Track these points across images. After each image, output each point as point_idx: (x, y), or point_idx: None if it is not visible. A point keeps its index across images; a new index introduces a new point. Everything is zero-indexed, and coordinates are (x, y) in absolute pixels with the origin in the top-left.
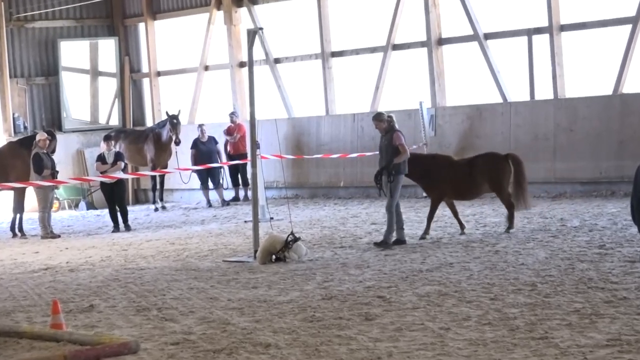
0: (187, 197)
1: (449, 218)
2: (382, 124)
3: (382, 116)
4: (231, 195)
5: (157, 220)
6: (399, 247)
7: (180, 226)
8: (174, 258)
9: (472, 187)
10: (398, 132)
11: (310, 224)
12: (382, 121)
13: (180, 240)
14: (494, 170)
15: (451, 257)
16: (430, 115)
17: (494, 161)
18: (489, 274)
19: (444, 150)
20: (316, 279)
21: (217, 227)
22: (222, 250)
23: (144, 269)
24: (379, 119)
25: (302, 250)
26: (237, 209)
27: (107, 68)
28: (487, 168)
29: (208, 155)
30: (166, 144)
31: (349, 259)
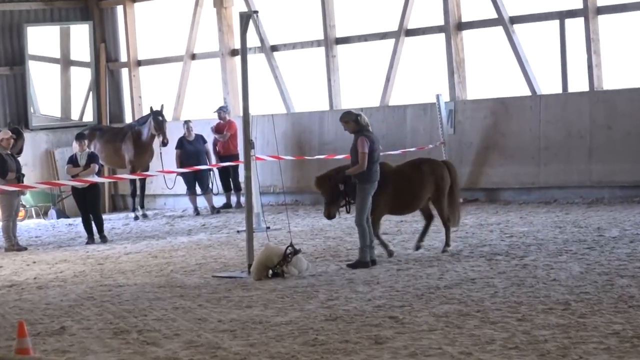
0: (172, 203)
1: (471, 227)
2: (348, 125)
3: (349, 116)
4: (222, 201)
5: (137, 231)
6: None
7: (164, 237)
8: (156, 273)
9: (416, 199)
10: (363, 137)
11: (312, 235)
12: (347, 122)
13: (163, 253)
14: (439, 179)
15: (473, 272)
16: (449, 110)
17: (438, 169)
18: (516, 292)
19: (464, 150)
20: (319, 297)
21: (206, 238)
22: (212, 264)
23: (123, 285)
24: (344, 120)
25: (302, 264)
26: (228, 217)
27: (80, 57)
28: (432, 177)
29: (195, 156)
30: (147, 143)
31: (357, 275)
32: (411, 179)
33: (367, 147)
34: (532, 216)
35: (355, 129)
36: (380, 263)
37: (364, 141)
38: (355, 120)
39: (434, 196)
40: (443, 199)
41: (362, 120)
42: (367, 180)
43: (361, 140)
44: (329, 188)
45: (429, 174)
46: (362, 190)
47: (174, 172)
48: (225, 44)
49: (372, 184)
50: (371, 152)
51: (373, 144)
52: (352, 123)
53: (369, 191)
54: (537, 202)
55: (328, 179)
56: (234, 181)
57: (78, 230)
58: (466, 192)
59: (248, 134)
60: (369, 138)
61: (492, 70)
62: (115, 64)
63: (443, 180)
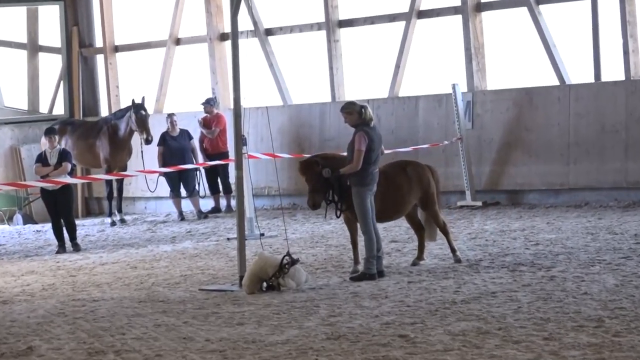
0: (154, 207)
1: (491, 234)
2: (351, 117)
3: (353, 107)
4: (210, 205)
5: (114, 238)
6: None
7: (145, 245)
8: (136, 286)
9: (401, 204)
10: (362, 133)
11: (311, 242)
12: (351, 113)
13: (144, 264)
14: (426, 184)
15: (493, 285)
16: (467, 101)
17: (424, 172)
18: (543, 307)
19: (484, 147)
20: (319, 313)
21: (192, 247)
22: (199, 276)
23: (98, 300)
24: (348, 110)
25: (301, 275)
26: (217, 222)
27: (50, 41)
28: (419, 181)
29: (180, 154)
30: (125, 139)
31: (362, 287)
32: (396, 182)
33: (364, 145)
34: (561, 221)
35: (357, 122)
36: (389, 275)
37: (362, 137)
38: (360, 112)
39: (423, 203)
40: (433, 204)
41: (367, 114)
42: (362, 183)
43: (359, 137)
44: (314, 175)
45: (415, 177)
46: (357, 195)
47: (156, 171)
48: (213, 27)
49: (368, 187)
50: (369, 151)
51: (372, 142)
52: (356, 115)
53: (365, 194)
54: (566, 206)
55: (315, 164)
56: (223, 182)
57: (47, 237)
58: (486, 195)
59: (239, 129)
60: (368, 135)
61: (516, 56)
62: (90, 50)
63: (430, 185)
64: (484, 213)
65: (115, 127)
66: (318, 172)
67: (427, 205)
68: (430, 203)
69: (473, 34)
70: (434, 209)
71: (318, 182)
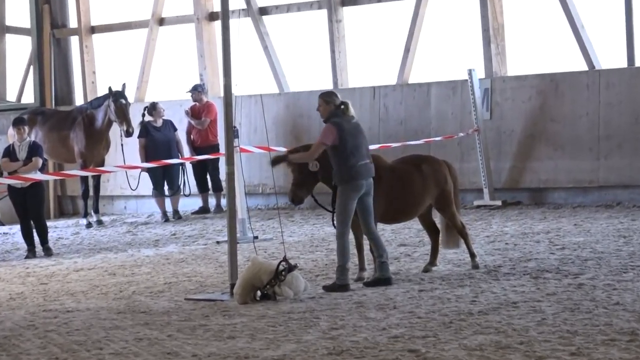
0: (134, 207)
1: (512, 237)
2: (326, 107)
3: (334, 98)
4: (197, 204)
5: (90, 241)
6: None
7: (124, 249)
8: (115, 295)
9: (414, 205)
10: (331, 125)
11: (311, 246)
12: (328, 103)
13: (124, 270)
14: (443, 181)
15: (514, 294)
16: (484, 89)
17: (441, 169)
18: (569, 318)
19: (503, 140)
20: (320, 326)
21: (178, 251)
22: (185, 283)
23: (72, 311)
24: (326, 99)
25: (299, 283)
26: (205, 224)
27: (19, 21)
28: (435, 178)
29: (165, 147)
30: (103, 131)
31: (368, 296)
32: (409, 180)
33: (330, 139)
34: (590, 223)
35: (329, 115)
36: (397, 283)
37: (330, 130)
38: (338, 106)
39: (439, 203)
40: (450, 205)
41: (348, 110)
42: (343, 180)
43: (326, 128)
44: (299, 165)
45: (431, 174)
46: (340, 194)
47: (138, 167)
48: (201, 6)
49: (351, 184)
50: (342, 143)
51: (344, 132)
52: (332, 107)
53: (348, 194)
54: (595, 206)
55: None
56: (212, 179)
57: (15, 240)
58: (506, 193)
59: (230, 119)
60: (339, 126)
61: (539, 38)
62: (63, 31)
63: (447, 183)
64: (504, 214)
65: (91, 117)
66: (303, 163)
67: (443, 206)
68: (447, 203)
69: (492, 13)
70: (451, 209)
71: (302, 174)
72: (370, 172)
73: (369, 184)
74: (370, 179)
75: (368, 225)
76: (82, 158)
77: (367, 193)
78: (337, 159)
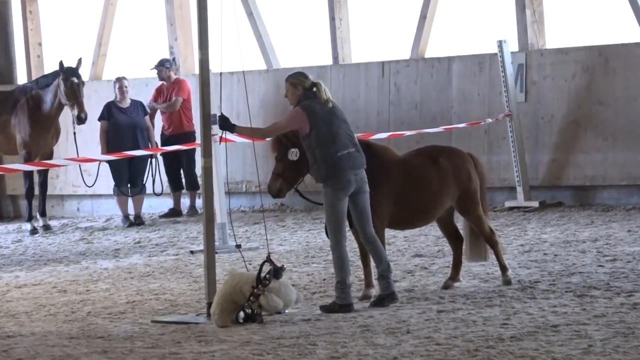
0: (89, 208)
1: (551, 245)
2: (294, 91)
3: (303, 79)
4: (167, 205)
5: (35, 251)
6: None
7: (78, 260)
8: (66, 317)
9: (430, 207)
10: (298, 108)
11: (306, 257)
12: (296, 86)
13: (76, 286)
14: (466, 178)
15: (554, 315)
16: (518, 64)
17: (464, 163)
18: (622, 345)
19: (541, 127)
20: (317, 354)
21: (143, 262)
22: (151, 302)
23: (13, 336)
24: (294, 81)
25: (290, 293)
26: (177, 229)
27: None
28: (456, 175)
29: (130, 133)
30: (51, 116)
31: (375, 318)
32: (425, 176)
33: (293, 123)
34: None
35: (298, 100)
36: (411, 301)
37: (296, 115)
38: (308, 89)
39: (462, 205)
40: (476, 207)
41: (321, 93)
42: (324, 176)
43: (293, 113)
44: (280, 152)
45: (452, 170)
46: (325, 194)
47: (96, 159)
48: None
49: (335, 179)
50: (316, 134)
51: (316, 117)
52: (301, 91)
53: (335, 194)
54: None
55: (282, 139)
56: (187, 175)
57: None
58: (545, 192)
59: (207, 102)
60: (308, 109)
61: (586, 4)
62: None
63: (471, 181)
64: (542, 217)
65: (37, 99)
66: (285, 150)
67: (467, 208)
68: (471, 205)
69: None
70: (477, 212)
71: (283, 163)
72: (357, 163)
73: (361, 179)
74: (360, 171)
75: (364, 229)
76: (25, 149)
77: (359, 190)
78: (312, 151)
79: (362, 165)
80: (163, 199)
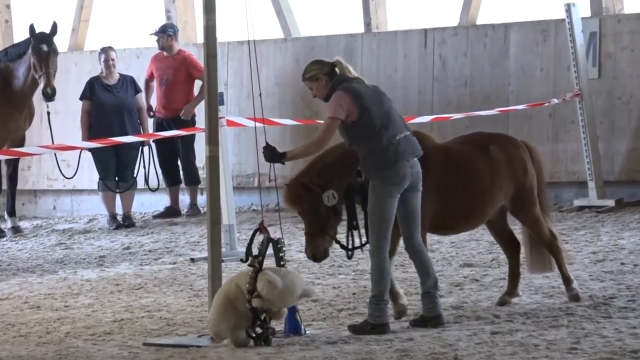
0: (69, 206)
1: (630, 253)
2: (319, 85)
3: (320, 68)
4: (164, 203)
5: (2, 258)
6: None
7: (54, 270)
8: (40, 338)
9: (479, 205)
10: (339, 93)
11: (331, 266)
12: (318, 79)
13: (52, 301)
14: (522, 171)
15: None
16: (590, 33)
17: (519, 153)
18: None
19: (618, 109)
20: None
21: (133, 273)
22: (143, 321)
23: None
24: (311, 76)
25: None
26: (174, 233)
27: None
28: (510, 166)
29: (118, 116)
30: (24, 94)
31: (416, 341)
32: (470, 169)
33: (341, 110)
34: None
35: (329, 87)
36: (459, 320)
37: (341, 99)
38: (330, 74)
39: (516, 203)
40: (532, 206)
41: (345, 70)
42: (380, 167)
43: (336, 98)
44: (309, 204)
45: (503, 161)
46: (373, 191)
47: (76, 147)
48: None
49: (392, 170)
50: (368, 117)
51: (361, 98)
52: (325, 80)
53: (388, 190)
54: None
55: (306, 186)
56: (185, 166)
57: None
58: (623, 189)
59: (214, 77)
60: (349, 90)
61: None
62: None
63: (528, 175)
64: (619, 219)
65: (6, 73)
66: (314, 198)
67: (522, 208)
68: (527, 204)
69: None
70: (534, 213)
71: (315, 215)
72: (417, 148)
73: (417, 173)
74: (416, 161)
75: (412, 235)
76: None
77: (413, 186)
78: (363, 140)
79: (420, 151)
80: (158, 195)
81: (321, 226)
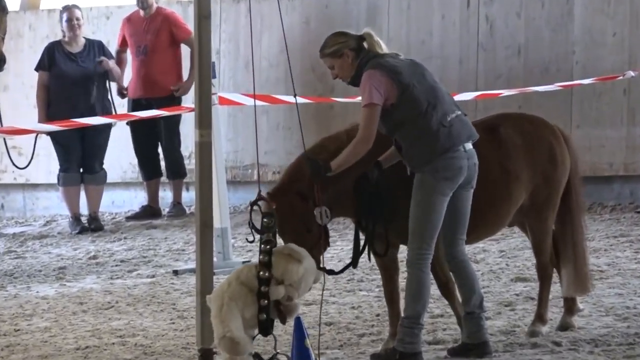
0: (21, 204)
1: None
2: (344, 63)
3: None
4: (138, 201)
5: None
6: None
7: (2, 285)
8: None
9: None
10: (374, 71)
11: (349, 281)
12: (340, 55)
13: (1, 324)
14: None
15: None
16: None
17: (549, 137)
18: None
19: None
20: None
21: (101, 288)
22: (114, 349)
23: None
24: (333, 51)
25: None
26: (153, 238)
27: None
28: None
29: (83, 91)
30: None
31: None
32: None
33: (377, 94)
34: None
35: (356, 69)
36: (510, 348)
37: (375, 80)
38: (356, 49)
39: (534, 201)
40: (551, 212)
41: (374, 44)
42: (436, 154)
43: (368, 79)
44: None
45: (519, 144)
46: (421, 185)
47: (31, 130)
48: None
49: (447, 161)
50: (411, 96)
51: (399, 74)
52: (351, 57)
53: (440, 185)
54: None
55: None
56: (167, 155)
57: None
58: None
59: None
60: (384, 68)
61: None
62: None
63: (557, 164)
64: None
65: None
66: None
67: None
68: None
69: None
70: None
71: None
72: (472, 132)
73: (473, 165)
74: (473, 151)
75: (456, 242)
76: None
77: (466, 182)
78: (408, 126)
79: (476, 134)
80: (133, 190)
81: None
